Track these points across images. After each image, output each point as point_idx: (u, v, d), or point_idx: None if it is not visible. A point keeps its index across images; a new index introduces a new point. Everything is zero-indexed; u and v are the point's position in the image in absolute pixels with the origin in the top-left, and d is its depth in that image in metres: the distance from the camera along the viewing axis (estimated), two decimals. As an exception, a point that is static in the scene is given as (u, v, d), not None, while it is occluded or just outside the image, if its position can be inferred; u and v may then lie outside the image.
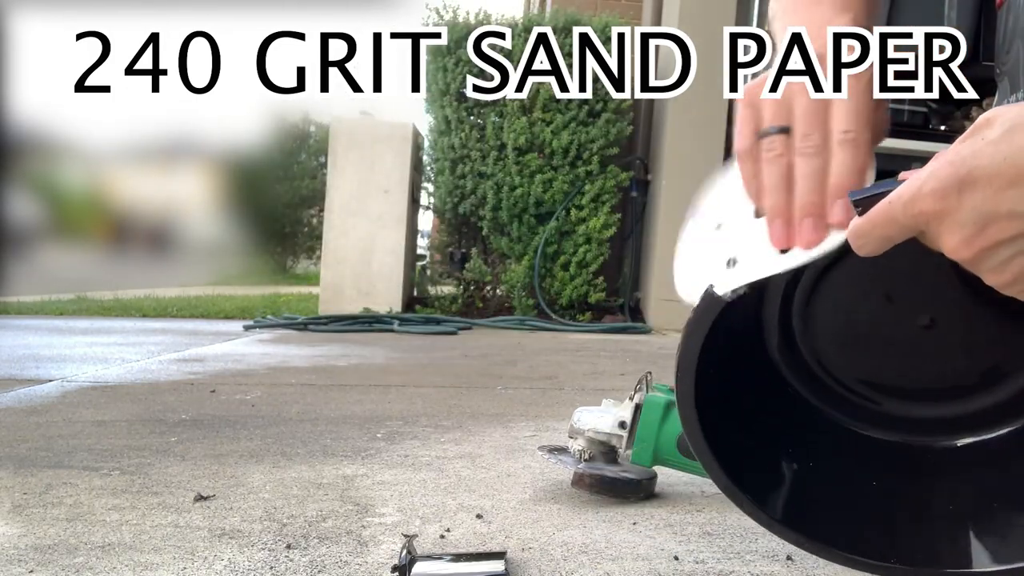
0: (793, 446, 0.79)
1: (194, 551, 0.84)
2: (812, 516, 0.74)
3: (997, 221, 0.48)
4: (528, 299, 4.49)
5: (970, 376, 0.75)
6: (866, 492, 0.77)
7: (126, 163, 2.14)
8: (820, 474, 0.78)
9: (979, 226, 0.48)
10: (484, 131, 4.51)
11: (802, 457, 0.78)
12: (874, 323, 0.74)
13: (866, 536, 0.73)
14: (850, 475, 0.78)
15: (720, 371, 0.70)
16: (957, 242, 0.50)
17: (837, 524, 0.74)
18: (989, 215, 0.48)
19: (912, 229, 0.52)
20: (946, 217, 0.49)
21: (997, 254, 0.49)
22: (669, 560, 0.85)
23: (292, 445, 1.35)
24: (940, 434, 0.77)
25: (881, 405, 0.78)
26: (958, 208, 0.48)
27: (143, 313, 4.48)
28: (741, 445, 0.75)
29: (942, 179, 0.49)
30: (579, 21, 4.51)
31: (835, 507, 0.76)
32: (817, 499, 0.77)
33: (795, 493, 0.76)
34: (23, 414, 1.59)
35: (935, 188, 0.49)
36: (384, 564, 0.81)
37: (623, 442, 1.07)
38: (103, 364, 2.37)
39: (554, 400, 1.91)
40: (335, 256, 4.53)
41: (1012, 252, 0.49)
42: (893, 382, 0.77)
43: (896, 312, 0.73)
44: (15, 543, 0.85)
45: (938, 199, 0.49)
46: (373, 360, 2.65)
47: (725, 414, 0.72)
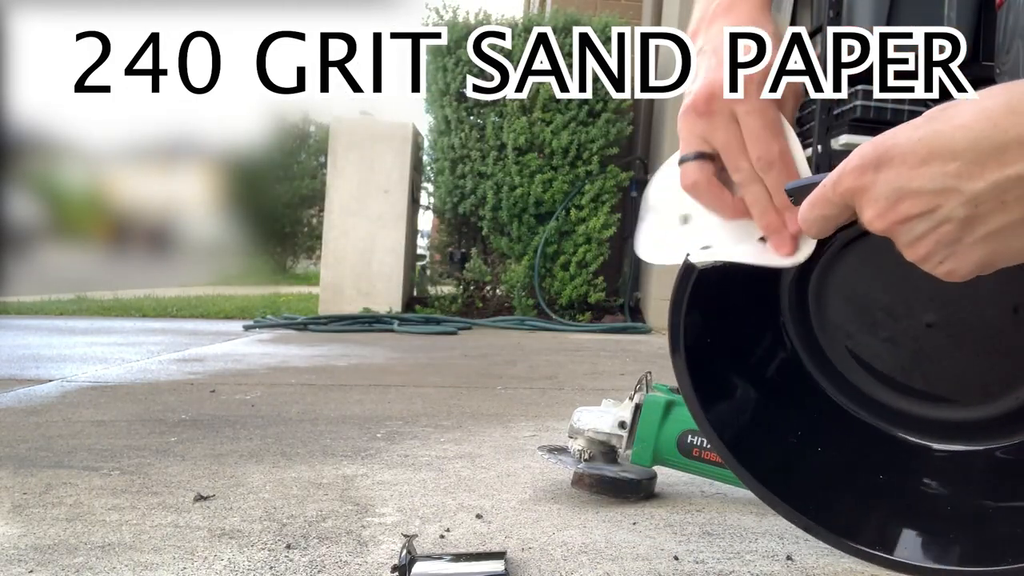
0: (798, 426, 0.80)
1: (194, 551, 0.84)
2: (805, 492, 0.75)
3: (908, 196, 0.51)
4: (528, 299, 4.49)
5: (966, 383, 0.75)
6: (864, 482, 0.78)
7: (126, 163, 2.14)
8: (819, 455, 0.79)
9: (891, 200, 0.52)
10: (484, 131, 4.51)
11: (803, 436, 0.79)
12: (884, 311, 0.75)
13: (860, 524, 0.74)
14: (850, 463, 0.79)
15: (720, 329, 0.73)
16: (872, 215, 0.54)
17: (832, 507, 0.75)
18: (901, 190, 0.51)
19: (842, 207, 0.56)
20: (865, 192, 0.53)
21: (910, 229, 0.53)
22: (669, 560, 0.85)
23: (292, 445, 1.35)
24: (937, 438, 0.78)
25: (880, 395, 0.79)
26: (874, 183, 0.52)
27: (143, 313, 4.48)
28: (735, 402, 0.77)
29: (863, 157, 0.53)
30: (579, 21, 4.51)
31: (831, 489, 0.77)
32: (814, 478, 0.78)
33: (787, 466, 0.77)
34: (23, 414, 1.59)
35: (856, 165, 0.53)
36: (384, 564, 0.81)
37: (623, 442, 1.07)
38: (103, 364, 2.37)
39: (554, 400, 1.91)
40: (335, 256, 4.53)
41: (924, 228, 0.52)
42: (893, 373, 0.78)
43: (905, 306, 0.74)
44: (15, 543, 0.85)
45: (858, 175, 0.53)
46: (373, 360, 2.65)
47: (724, 367, 0.75)
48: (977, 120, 0.49)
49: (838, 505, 0.76)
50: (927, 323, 0.73)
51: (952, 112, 0.50)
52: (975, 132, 0.48)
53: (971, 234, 0.51)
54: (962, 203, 0.50)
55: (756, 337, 0.82)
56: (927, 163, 0.50)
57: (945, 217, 0.51)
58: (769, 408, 0.82)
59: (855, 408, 0.80)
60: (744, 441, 0.78)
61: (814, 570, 0.82)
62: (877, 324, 0.76)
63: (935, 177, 0.50)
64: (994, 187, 0.48)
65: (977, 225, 0.50)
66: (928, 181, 0.50)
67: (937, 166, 0.50)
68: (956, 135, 0.49)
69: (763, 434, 0.80)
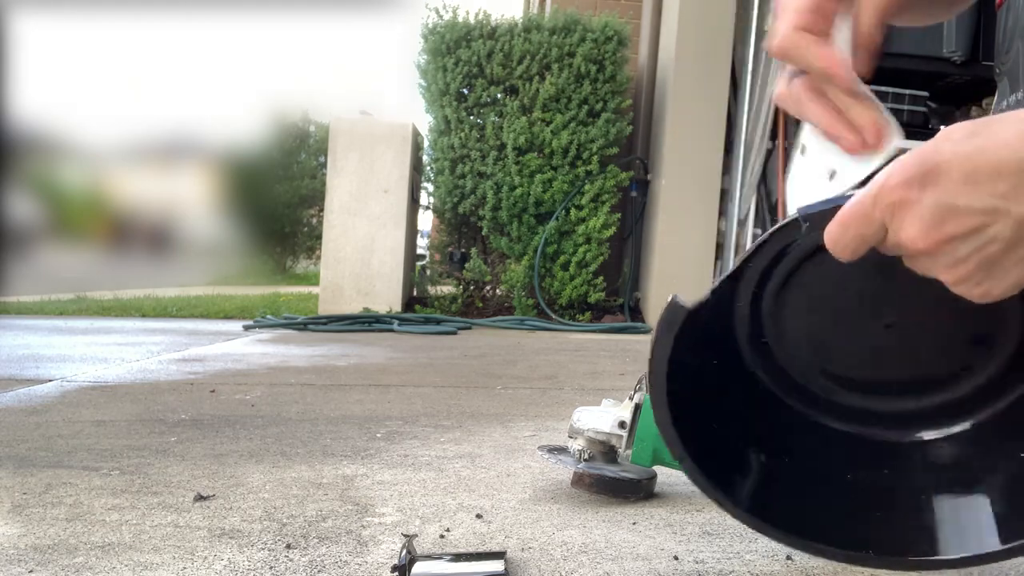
0: (763, 438, 0.80)
1: (194, 551, 0.84)
2: (780, 506, 0.75)
3: (955, 215, 0.50)
4: (528, 299, 4.49)
5: (929, 373, 0.76)
6: (836, 484, 0.78)
7: (126, 163, 2.15)
8: (790, 466, 0.79)
9: (937, 219, 0.51)
10: (484, 131, 4.51)
11: (772, 449, 0.79)
12: (840, 320, 0.76)
13: (837, 526, 0.74)
14: (821, 468, 0.79)
15: (692, 364, 0.72)
16: (916, 232, 0.52)
17: (807, 514, 0.75)
18: (947, 208, 0.50)
19: (881, 224, 0.54)
20: (909, 208, 0.51)
21: (953, 249, 0.52)
22: (669, 560, 0.85)
23: (292, 445, 1.35)
24: (901, 428, 0.79)
25: (844, 398, 0.79)
26: (919, 199, 0.51)
27: (143, 313, 4.48)
28: (712, 435, 0.76)
29: (908, 170, 0.51)
30: (579, 21, 4.51)
31: (805, 497, 0.77)
32: (787, 490, 0.78)
33: (764, 483, 0.77)
34: (23, 414, 1.59)
35: (901, 179, 0.51)
36: (384, 564, 0.81)
37: (623, 442, 1.07)
38: (103, 364, 2.37)
39: (554, 400, 1.91)
40: (335, 256, 4.53)
41: (969, 249, 0.51)
42: (856, 376, 0.78)
43: (861, 311, 0.74)
44: (15, 543, 0.85)
45: (903, 188, 0.51)
46: (373, 360, 2.65)
47: (696, 405, 0.74)
48: (1021, 139, 0.49)
49: (815, 513, 0.76)
50: (886, 324, 0.74)
51: (996, 128, 0.50)
52: (1021, 152, 0.48)
53: (1013, 256, 0.51)
54: (1009, 225, 0.49)
55: (720, 370, 0.82)
56: (975, 182, 0.49)
57: (991, 238, 0.50)
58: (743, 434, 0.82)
59: (818, 415, 0.81)
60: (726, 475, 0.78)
61: (814, 570, 0.82)
62: (837, 327, 0.76)
63: (982, 196, 0.49)
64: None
65: (1020, 246, 0.50)
66: (976, 200, 0.49)
67: (985, 186, 0.49)
68: (1002, 154, 0.49)
69: (739, 463, 0.80)
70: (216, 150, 2.24)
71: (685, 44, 4.36)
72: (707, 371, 0.76)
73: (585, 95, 4.45)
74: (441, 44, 4.50)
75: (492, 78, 4.45)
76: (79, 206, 2.18)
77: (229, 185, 2.25)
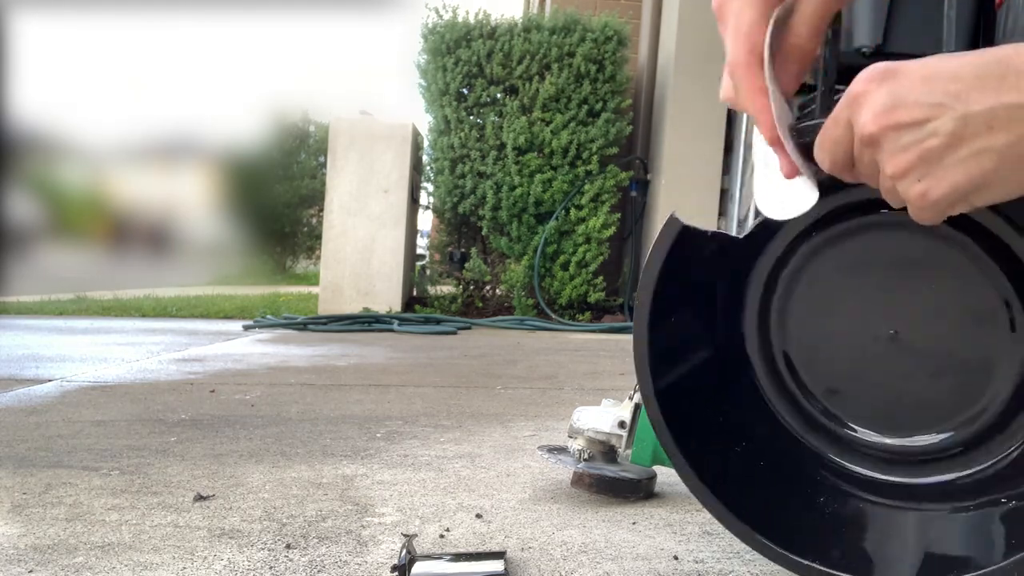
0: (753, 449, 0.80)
1: (193, 551, 0.84)
2: (764, 512, 0.75)
3: (904, 105, 0.54)
4: (528, 299, 4.49)
5: (932, 401, 0.75)
6: (819, 504, 0.78)
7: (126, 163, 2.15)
8: (772, 471, 0.79)
9: (888, 106, 0.55)
10: (484, 131, 4.51)
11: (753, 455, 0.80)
12: (843, 332, 0.76)
13: (815, 543, 0.74)
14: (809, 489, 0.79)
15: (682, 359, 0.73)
16: (867, 118, 0.56)
17: (790, 527, 0.75)
18: (899, 97, 0.54)
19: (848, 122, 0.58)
20: (866, 98, 0.56)
21: (898, 136, 0.55)
22: (669, 560, 0.85)
23: (292, 445, 1.35)
24: (899, 468, 0.78)
25: (845, 426, 0.79)
26: (877, 91, 0.55)
27: (143, 313, 4.48)
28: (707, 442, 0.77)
29: (872, 70, 0.56)
30: (579, 21, 4.51)
31: (790, 509, 0.77)
32: (772, 500, 0.78)
33: (744, 482, 0.77)
34: (23, 414, 1.59)
35: (863, 77, 0.57)
36: (384, 564, 0.81)
37: (623, 442, 1.07)
38: (103, 364, 2.37)
39: (554, 400, 1.91)
40: (335, 256, 4.52)
41: (911, 138, 0.54)
42: (858, 397, 0.77)
43: (864, 324, 0.74)
44: (15, 543, 0.85)
45: (865, 83, 0.56)
46: (373, 360, 2.65)
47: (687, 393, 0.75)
48: (983, 55, 0.53)
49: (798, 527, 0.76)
50: (888, 335, 0.74)
51: (961, 53, 0.55)
52: (981, 63, 0.52)
53: (953, 154, 0.53)
54: (953, 119, 0.52)
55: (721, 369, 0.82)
56: (930, 81, 0.53)
57: (933, 131, 0.53)
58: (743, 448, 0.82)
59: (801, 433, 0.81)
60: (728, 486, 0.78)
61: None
62: (834, 345, 0.76)
63: (934, 92, 0.53)
64: (987, 111, 0.51)
65: (961, 145, 0.53)
66: (926, 95, 0.53)
67: (939, 84, 0.53)
68: (963, 61, 0.53)
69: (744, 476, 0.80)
70: (216, 150, 2.24)
71: (685, 44, 4.36)
72: (703, 361, 0.76)
73: (585, 95, 4.44)
74: (441, 44, 4.50)
75: (492, 78, 4.45)
76: (79, 206, 2.18)
77: (229, 185, 2.25)
